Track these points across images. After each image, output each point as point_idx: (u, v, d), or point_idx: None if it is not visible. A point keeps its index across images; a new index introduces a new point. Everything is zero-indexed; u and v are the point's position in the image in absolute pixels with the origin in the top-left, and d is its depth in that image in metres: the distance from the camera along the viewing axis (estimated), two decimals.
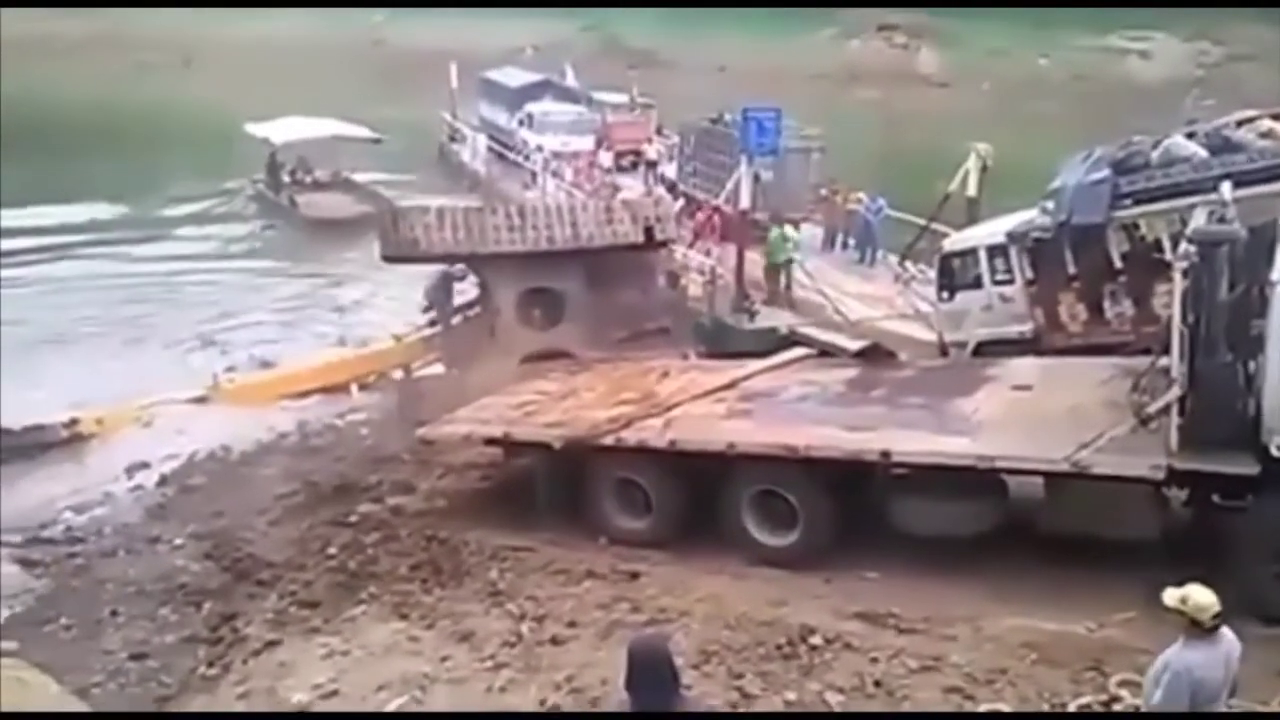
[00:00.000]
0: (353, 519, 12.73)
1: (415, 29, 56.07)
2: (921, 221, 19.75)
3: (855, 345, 14.32)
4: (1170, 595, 5.95)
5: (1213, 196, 10.51)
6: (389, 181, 31.88)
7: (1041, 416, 10.82)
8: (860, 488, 11.02)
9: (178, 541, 12.56)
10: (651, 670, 4.94)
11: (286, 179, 30.69)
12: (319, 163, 30.87)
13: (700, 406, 12.57)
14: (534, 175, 29.62)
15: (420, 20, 56.95)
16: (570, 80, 37.31)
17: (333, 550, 11.86)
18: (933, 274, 16.75)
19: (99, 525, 13.29)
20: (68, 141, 36.71)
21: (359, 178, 31.25)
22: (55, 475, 14.43)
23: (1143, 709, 6.23)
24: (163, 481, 14.46)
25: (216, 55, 54.29)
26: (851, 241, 22.09)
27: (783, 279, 19.73)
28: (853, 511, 10.98)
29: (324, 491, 13.65)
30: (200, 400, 16.79)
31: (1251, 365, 9.46)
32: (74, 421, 15.46)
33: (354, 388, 17.60)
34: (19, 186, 29.59)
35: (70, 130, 38.67)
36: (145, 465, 14.79)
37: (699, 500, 11.54)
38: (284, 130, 30.16)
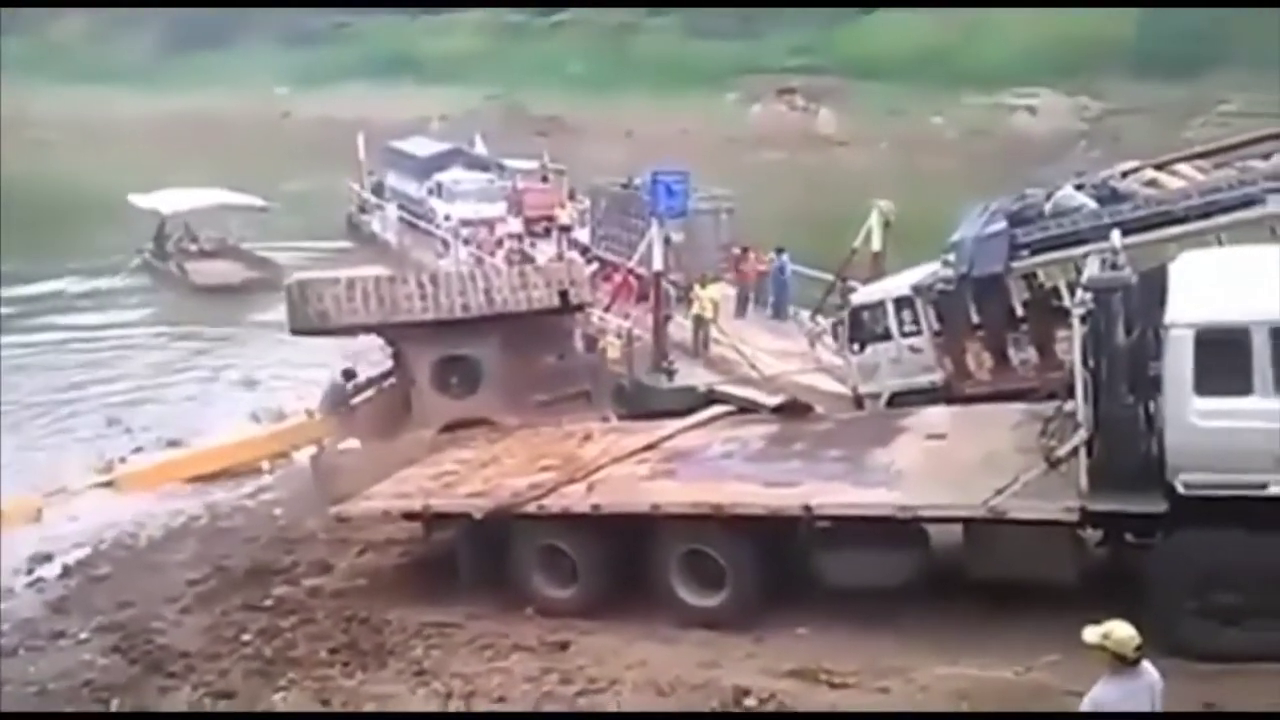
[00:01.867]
0: (268, 603, 12.29)
1: (322, 101, 55.96)
2: (828, 277, 20.19)
3: (773, 401, 14.48)
4: (1091, 633, 6.07)
5: (1104, 244, 10.97)
6: (295, 250, 31.66)
7: (957, 464, 11.02)
8: (785, 543, 11.05)
9: (83, 636, 11.96)
10: None
11: (172, 249, 31.20)
12: (207, 232, 31.50)
13: (623, 469, 12.51)
14: (445, 243, 29.55)
15: (327, 92, 56.88)
16: (480, 148, 37.51)
17: (248, 637, 11.41)
18: (842, 328, 17.10)
19: None
20: None
21: (270, 251, 31.18)
22: None
23: None
24: (65, 573, 13.80)
25: (121, 132, 53.34)
26: (769, 299, 22.40)
27: (699, 337, 19.93)
28: (780, 567, 10.99)
29: (236, 576, 13.18)
30: (105, 485, 16.17)
31: (1152, 406, 9.80)
32: None
33: (265, 465, 17.14)
34: None
35: None
36: (47, 557, 14.12)
37: (626, 564, 11.43)
38: (170, 200, 30.98)
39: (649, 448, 13.06)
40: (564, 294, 16.63)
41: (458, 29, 68.28)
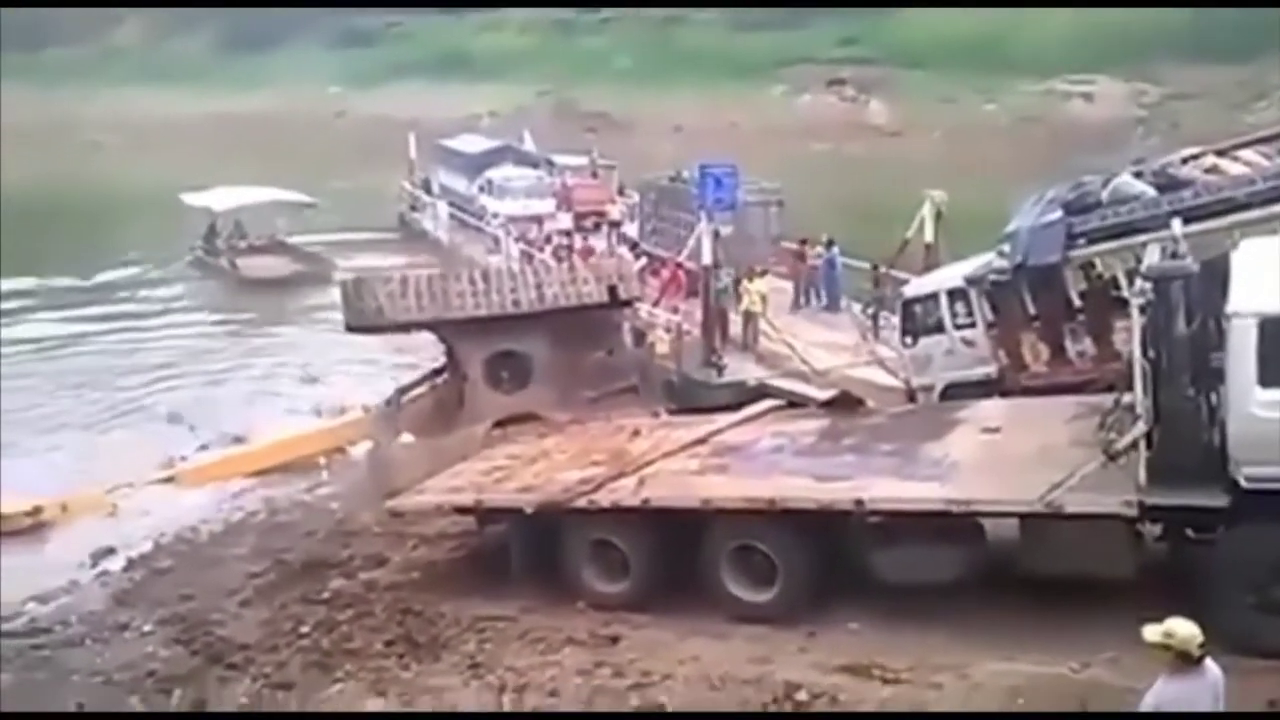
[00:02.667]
0: (325, 596, 12.48)
1: (375, 100, 56.60)
2: (882, 269, 20.02)
3: (824, 395, 14.37)
4: (1151, 631, 5.96)
5: (1164, 233, 10.73)
6: (344, 244, 32.20)
7: (1012, 458, 10.88)
8: (837, 538, 10.98)
9: (146, 628, 12.23)
10: None
11: (223, 245, 32.41)
12: (257, 229, 32.64)
13: (673, 463, 12.51)
14: (496, 240, 29.75)
15: (379, 91, 57.53)
16: (529, 145, 37.71)
17: (305, 629, 11.60)
18: (895, 320, 16.93)
19: (64, 615, 12.90)
20: (18, 221, 36.53)
21: (325, 247, 32.12)
22: (18, 565, 14.04)
23: None
24: (129, 566, 14.14)
25: (177, 134, 54.46)
26: (820, 292, 22.23)
27: (748, 331, 19.86)
28: (831, 562, 10.93)
29: (294, 569, 13.40)
30: (167, 481, 16.53)
31: (1214, 397, 9.59)
32: (37, 509, 15.17)
33: (322, 460, 17.41)
34: None
35: (21, 210, 38.47)
36: (111, 551, 14.48)
37: (676, 559, 11.43)
38: (222, 198, 32.28)
39: (699, 442, 13.05)
40: (613, 289, 16.65)
41: (506, 26, 68.68)
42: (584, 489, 11.96)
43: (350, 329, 16.53)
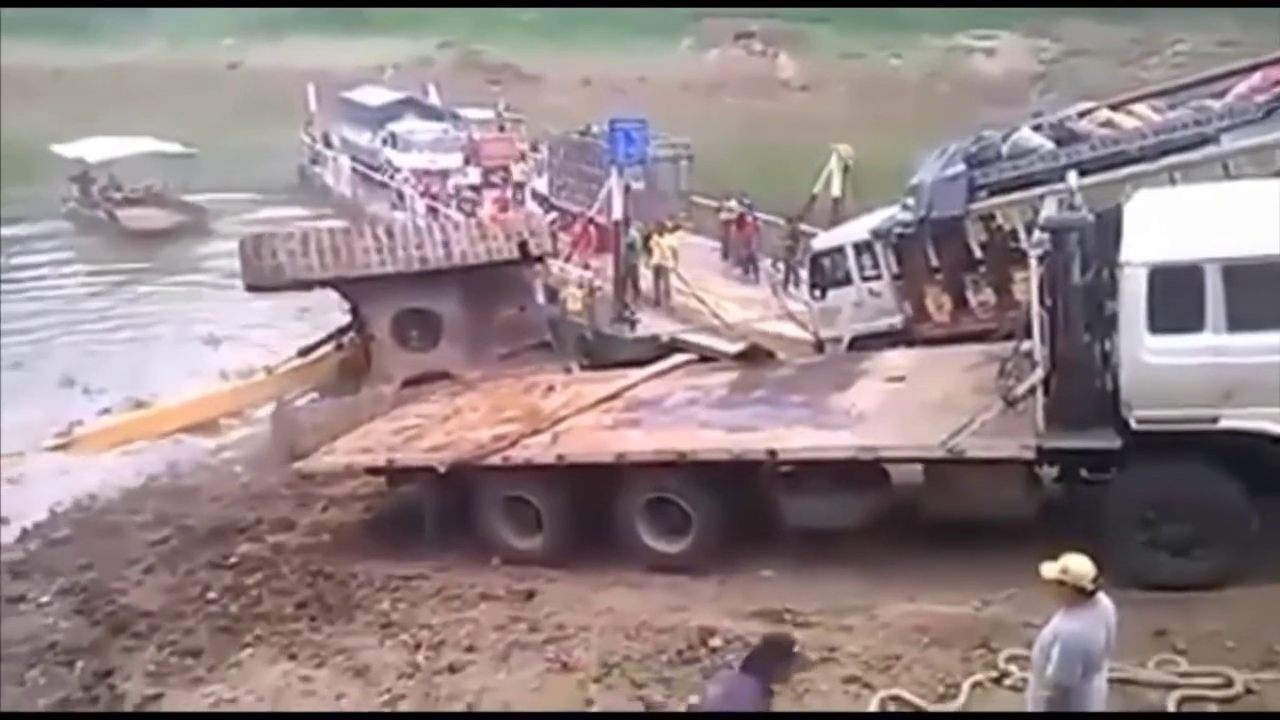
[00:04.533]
0: (232, 561, 12.21)
1: (270, 51, 54.61)
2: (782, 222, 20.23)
3: (735, 348, 14.51)
4: (1049, 568, 6.18)
5: (1061, 185, 11.02)
6: (246, 202, 31.39)
7: (916, 406, 11.15)
8: (749, 487, 11.14)
9: (44, 599, 11.79)
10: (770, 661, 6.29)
11: (98, 197, 31.58)
12: (132, 181, 31.93)
13: (587, 419, 12.53)
14: (401, 195, 29.15)
15: (275, 42, 55.52)
16: (433, 98, 36.90)
17: (212, 595, 11.36)
18: (804, 274, 17.13)
19: None
20: None
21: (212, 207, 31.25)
22: None
23: (1032, 680, 6.44)
24: (24, 536, 13.60)
25: (61, 86, 51.89)
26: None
27: (660, 287, 19.88)
28: (744, 511, 11.09)
29: (200, 535, 13.07)
30: (61, 448, 15.90)
31: (1107, 344, 9.93)
32: None
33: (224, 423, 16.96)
34: None
35: None
36: (4, 522, 13.90)
37: (590, 513, 11.48)
38: (95, 149, 31.55)
39: (612, 397, 13.08)
40: (523, 245, 16.49)
41: None
42: (497, 446, 11.91)
43: (250, 288, 16.05)
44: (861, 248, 15.81)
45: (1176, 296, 9.07)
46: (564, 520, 11.58)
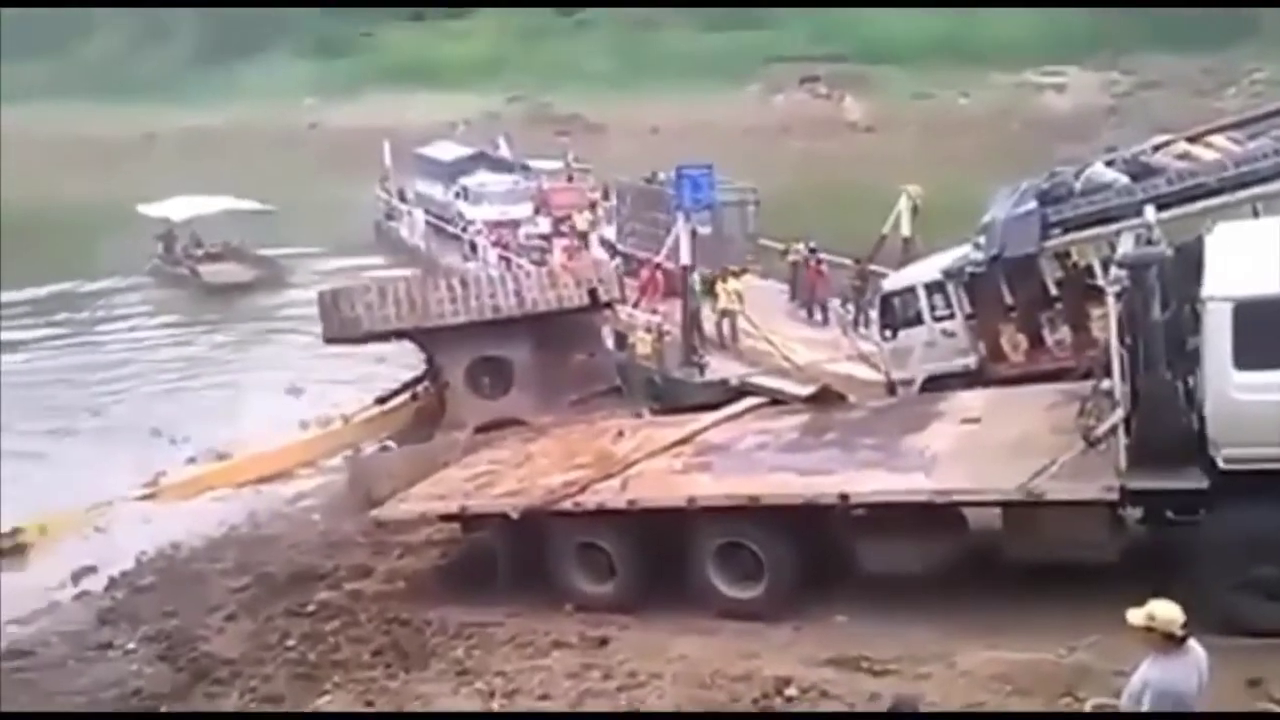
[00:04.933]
0: (310, 608, 12.40)
1: (348, 110, 56.39)
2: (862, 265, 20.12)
3: (805, 390, 14.41)
4: (1135, 614, 5.98)
5: (1138, 220, 10.80)
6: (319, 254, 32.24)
7: (993, 447, 10.92)
8: (822, 532, 11.00)
9: (129, 646, 12.13)
10: None
11: (180, 254, 33.15)
12: (213, 237, 33.29)
13: (657, 463, 12.51)
14: (473, 246, 29.67)
15: (353, 101, 57.33)
16: (504, 151, 37.61)
17: (291, 642, 11.54)
18: (874, 315, 16.99)
19: (45, 636, 12.77)
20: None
21: (292, 261, 32.69)
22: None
23: None
24: (111, 585, 13.99)
25: (149, 148, 54.18)
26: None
27: (724, 330, 19.88)
28: (817, 556, 10.94)
29: (279, 582, 13.30)
30: (148, 498, 16.37)
31: (1191, 381, 9.65)
32: (16, 531, 15.00)
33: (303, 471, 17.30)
34: None
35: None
36: (92, 570, 14.31)
37: (662, 558, 11.42)
38: (179, 208, 33.02)
39: (682, 442, 13.05)
40: (593, 292, 16.68)
41: (479, 34, 68.47)
42: (569, 492, 11.94)
43: (329, 340, 16.45)
44: (933, 287, 15.62)
45: (1263, 331, 8.81)
46: (636, 566, 11.54)
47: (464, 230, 31.18)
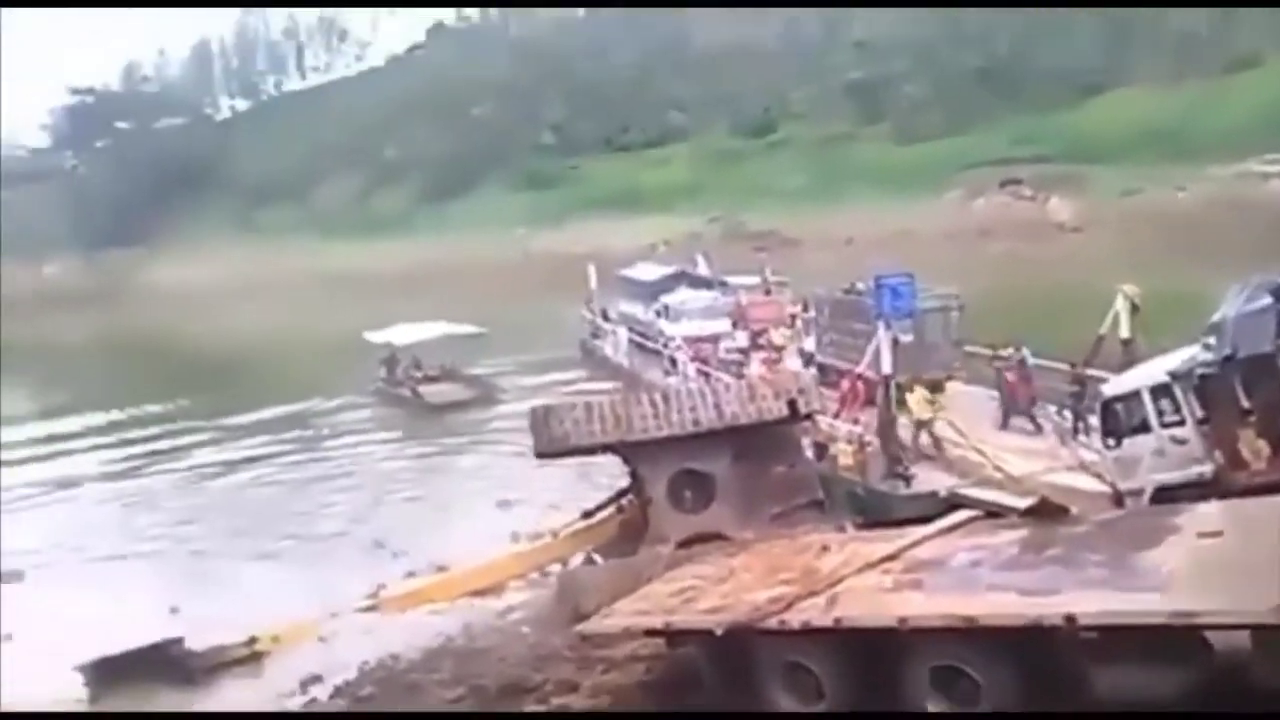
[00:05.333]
0: None
1: (555, 237, 59.48)
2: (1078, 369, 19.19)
3: (1023, 503, 13.69)
4: None
5: None
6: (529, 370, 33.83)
7: (1238, 564, 9.99)
8: (1047, 657, 10.27)
9: None
10: None
11: (402, 375, 35.41)
12: (432, 360, 35.67)
13: (865, 580, 12.10)
14: (674, 361, 30.23)
15: (559, 229, 60.51)
16: (703, 269, 38.51)
17: None
18: (1095, 421, 16.08)
19: None
20: (236, 368, 40.17)
21: (503, 379, 34.73)
22: (236, 694, 14.82)
23: None
24: (336, 694, 14.63)
25: (378, 281, 58.74)
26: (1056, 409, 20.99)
27: (924, 438, 19.25)
28: (1041, 683, 10.20)
29: (490, 694, 13.53)
30: (369, 609, 17.16)
31: None
32: (253, 640, 15.99)
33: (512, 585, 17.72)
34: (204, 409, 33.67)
35: (247, 359, 42.27)
36: (318, 679, 15.04)
37: (873, 681, 10.94)
38: (401, 334, 35.51)
39: (891, 557, 12.58)
40: (792, 403, 16.59)
41: (677, 160, 71.29)
42: (773, 609, 11.68)
43: (540, 455, 17.01)
44: (1159, 391, 14.69)
45: None
46: (845, 688, 11.10)
47: (665, 346, 31.88)
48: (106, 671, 14.87)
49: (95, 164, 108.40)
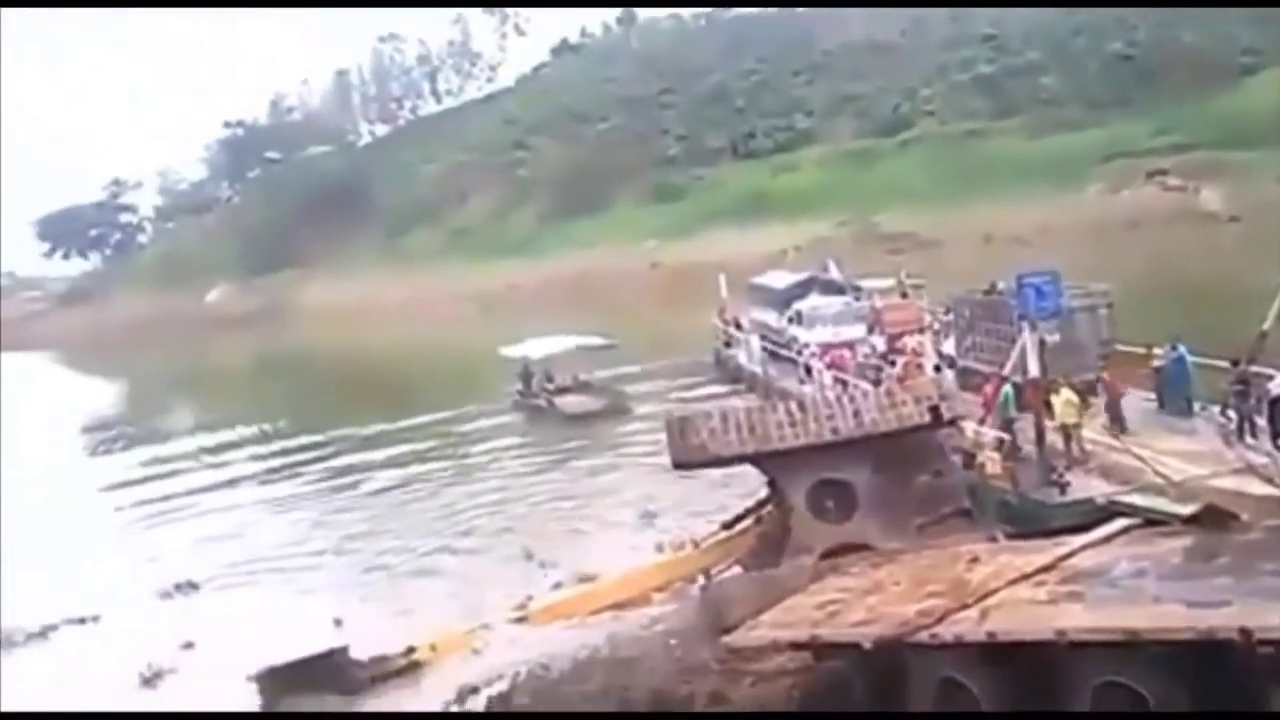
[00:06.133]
0: None
1: (686, 248, 59.79)
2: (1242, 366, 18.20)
3: (1188, 509, 13.07)
4: None
5: None
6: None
7: None
8: (1220, 672, 9.78)
9: None
10: None
11: (536, 388, 36.43)
12: (566, 374, 36.25)
13: (1019, 592, 11.76)
14: (808, 369, 29.94)
15: (689, 239, 60.82)
16: (834, 273, 38.02)
17: None
18: (1263, 421, 15.22)
19: None
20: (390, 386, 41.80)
21: (641, 389, 35.30)
22: (396, 703, 15.37)
23: None
24: (490, 704, 15.00)
25: (516, 297, 60.30)
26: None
27: (1072, 444, 18.52)
28: (1215, 700, 9.72)
29: (639, 706, 13.68)
30: (520, 620, 17.56)
31: None
32: (411, 650, 16.55)
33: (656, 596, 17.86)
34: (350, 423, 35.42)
35: (390, 376, 43.94)
36: (474, 690, 15.40)
37: (1032, 697, 10.61)
38: (535, 348, 36.61)
39: (1046, 568, 12.19)
40: (934, 409, 16.25)
41: (805, 165, 70.63)
42: (923, 622, 11.47)
43: (678, 465, 17.11)
44: None
45: None
46: (1003, 705, 10.79)
47: (799, 354, 31.60)
48: (278, 680, 15.64)
49: (249, 193, 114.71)
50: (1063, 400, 18.68)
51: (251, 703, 15.46)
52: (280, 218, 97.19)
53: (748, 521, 17.88)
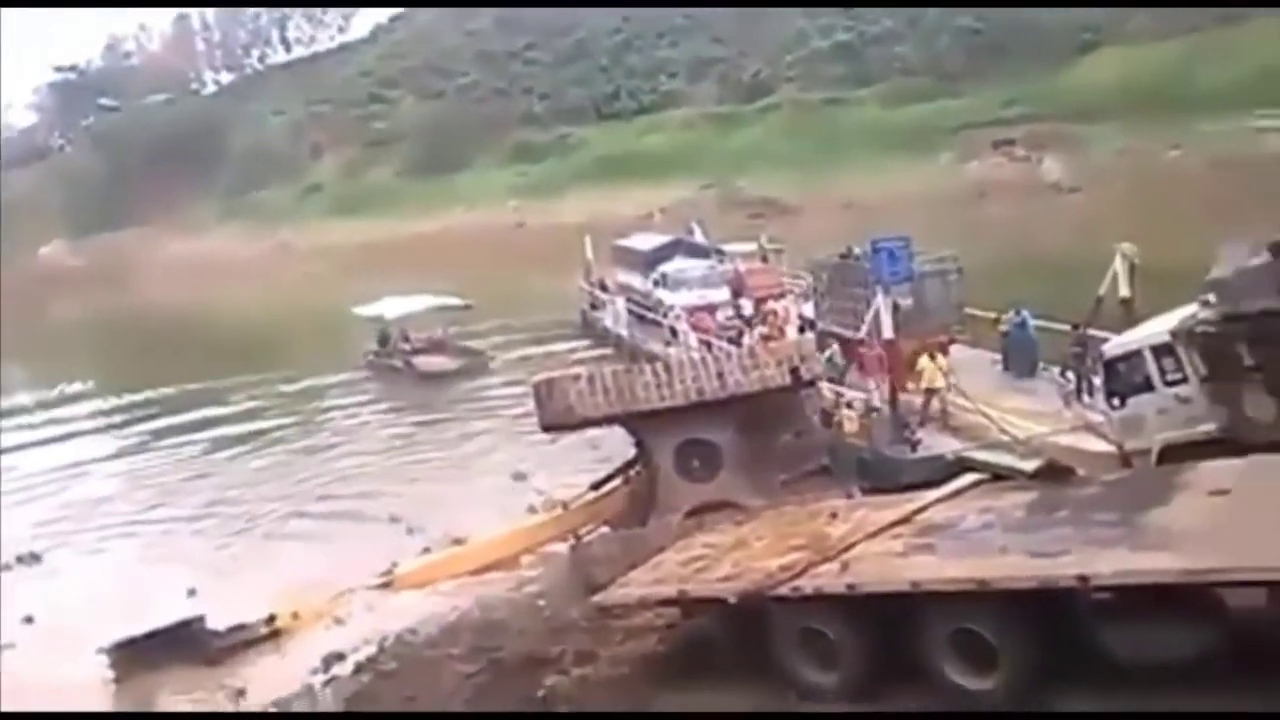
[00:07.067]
0: (541, 694, 12.71)
1: (550, 209, 59.29)
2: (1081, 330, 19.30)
3: (1031, 465, 13.82)
4: None
5: None
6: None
7: (1249, 521, 10.13)
8: (1062, 618, 10.43)
9: None
10: None
11: (393, 348, 36.01)
12: (424, 332, 36.12)
13: (876, 545, 12.24)
14: (674, 331, 30.25)
15: (554, 200, 60.30)
16: (699, 237, 38.42)
17: None
18: (1099, 382, 16.19)
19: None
20: (240, 346, 40.23)
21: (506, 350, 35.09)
22: (258, 673, 14.97)
23: None
24: (357, 670, 14.78)
25: (373, 257, 58.64)
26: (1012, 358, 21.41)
27: (934, 404, 19.35)
28: (1057, 644, 10.37)
29: (510, 667, 13.69)
30: (384, 586, 17.29)
31: None
32: (272, 619, 16.13)
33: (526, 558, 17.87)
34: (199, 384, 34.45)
35: (240, 336, 42.25)
36: (340, 656, 15.17)
37: (889, 646, 11.11)
38: (391, 307, 36.06)
39: (901, 522, 12.73)
40: (795, 371, 16.67)
41: (667, 126, 70.80)
42: (785, 576, 11.82)
43: (545, 428, 17.08)
44: (1161, 350, 14.77)
45: None
46: (861, 654, 11.25)
47: (664, 316, 31.89)
48: (131, 653, 15.01)
49: (83, 142, 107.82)
50: (932, 367, 19.43)
51: (104, 675, 14.83)
52: (119, 169, 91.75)
53: (616, 482, 18.03)
